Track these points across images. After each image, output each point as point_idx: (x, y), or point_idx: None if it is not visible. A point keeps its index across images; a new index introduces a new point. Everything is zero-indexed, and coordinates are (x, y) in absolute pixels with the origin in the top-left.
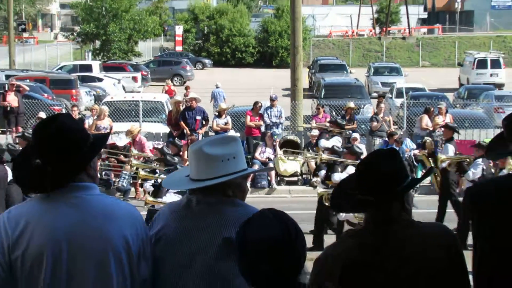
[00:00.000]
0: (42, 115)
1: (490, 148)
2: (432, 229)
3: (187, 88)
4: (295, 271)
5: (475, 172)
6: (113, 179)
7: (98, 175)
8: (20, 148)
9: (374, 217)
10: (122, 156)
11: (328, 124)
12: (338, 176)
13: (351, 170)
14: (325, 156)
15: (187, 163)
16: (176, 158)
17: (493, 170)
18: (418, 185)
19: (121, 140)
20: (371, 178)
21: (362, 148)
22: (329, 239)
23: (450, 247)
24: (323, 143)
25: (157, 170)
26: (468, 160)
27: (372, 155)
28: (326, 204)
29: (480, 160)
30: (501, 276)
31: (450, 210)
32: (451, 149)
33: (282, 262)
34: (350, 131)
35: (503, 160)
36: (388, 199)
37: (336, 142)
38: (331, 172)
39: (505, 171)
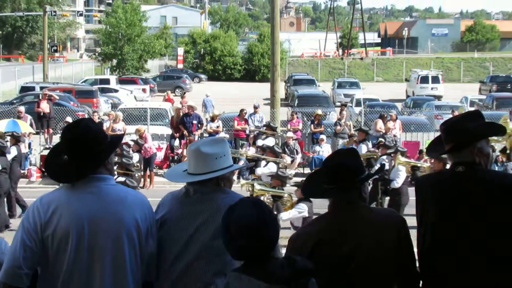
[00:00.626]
0: (69, 119)
1: (430, 148)
2: (384, 214)
3: (183, 97)
4: (269, 247)
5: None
6: None
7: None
8: (9, 144)
9: (337, 202)
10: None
11: (264, 128)
12: (260, 170)
13: (271, 165)
14: (249, 153)
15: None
16: (136, 155)
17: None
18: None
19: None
20: (335, 171)
21: (279, 148)
22: None
23: (399, 229)
24: (259, 142)
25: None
26: (375, 156)
27: (335, 153)
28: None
29: (384, 157)
30: (441, 261)
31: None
32: (364, 148)
33: (258, 240)
34: (281, 132)
35: (395, 156)
36: (348, 188)
37: (270, 142)
38: (255, 166)
39: (398, 166)
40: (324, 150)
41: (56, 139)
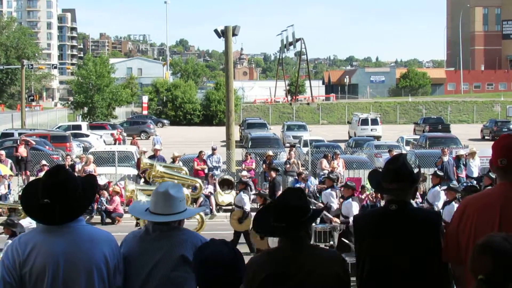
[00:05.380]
0: (44, 162)
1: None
2: (327, 252)
3: (133, 136)
4: (240, 280)
5: None
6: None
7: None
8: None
9: (285, 240)
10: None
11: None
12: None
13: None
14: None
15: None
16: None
17: None
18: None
19: (101, 180)
20: (284, 210)
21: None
22: None
23: (340, 264)
24: None
25: None
26: None
27: (284, 193)
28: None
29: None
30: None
31: None
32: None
33: (235, 271)
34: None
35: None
36: (295, 227)
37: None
38: None
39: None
40: None
41: None
